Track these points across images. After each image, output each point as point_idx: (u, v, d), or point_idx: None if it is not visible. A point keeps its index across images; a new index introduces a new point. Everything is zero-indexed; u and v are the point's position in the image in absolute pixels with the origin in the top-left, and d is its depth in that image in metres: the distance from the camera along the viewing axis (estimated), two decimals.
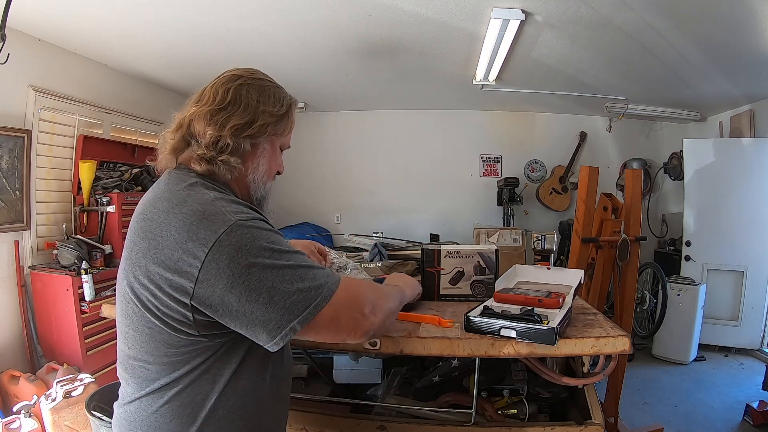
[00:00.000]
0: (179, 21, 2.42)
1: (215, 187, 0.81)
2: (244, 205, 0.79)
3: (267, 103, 0.86)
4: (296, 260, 0.74)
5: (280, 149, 0.94)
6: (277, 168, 0.94)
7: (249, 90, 0.85)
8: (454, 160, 4.82)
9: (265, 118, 0.85)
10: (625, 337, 1.05)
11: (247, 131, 0.84)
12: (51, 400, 2.01)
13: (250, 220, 0.73)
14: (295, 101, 0.94)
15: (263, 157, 0.89)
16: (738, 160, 3.63)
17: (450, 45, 2.77)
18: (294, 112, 0.93)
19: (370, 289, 0.86)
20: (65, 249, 2.52)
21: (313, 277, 0.74)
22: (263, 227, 0.73)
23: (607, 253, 2.30)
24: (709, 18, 2.23)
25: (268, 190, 0.93)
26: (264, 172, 0.89)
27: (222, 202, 0.75)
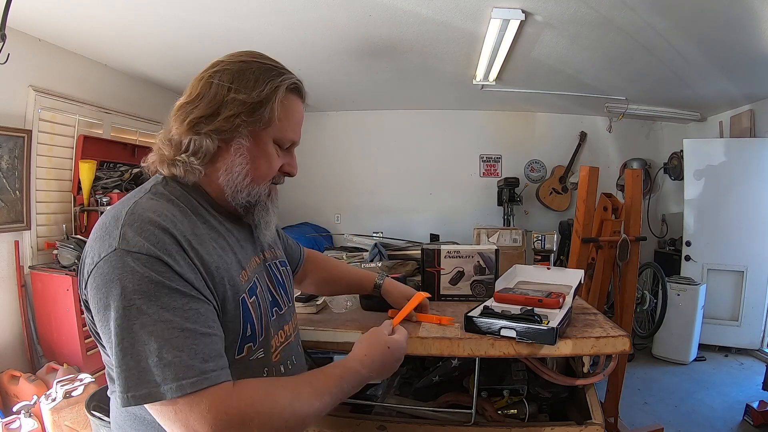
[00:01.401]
0: (179, 21, 2.42)
1: (176, 191, 0.71)
2: (185, 216, 0.67)
3: (241, 89, 0.71)
4: (151, 324, 0.56)
5: (278, 145, 0.77)
6: (271, 168, 0.77)
7: (222, 76, 0.72)
8: (454, 160, 4.82)
9: (234, 108, 0.70)
10: (625, 337, 1.05)
11: (210, 125, 0.70)
12: (51, 400, 2.01)
13: (138, 252, 0.58)
14: (288, 82, 0.75)
15: (240, 156, 0.73)
16: (738, 160, 3.62)
17: (450, 45, 2.77)
18: (281, 97, 0.74)
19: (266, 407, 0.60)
20: (65, 249, 2.52)
21: (151, 361, 0.55)
22: (145, 262, 0.57)
23: (607, 253, 2.30)
24: (709, 18, 2.23)
25: (260, 194, 0.77)
26: (244, 173, 0.73)
27: (134, 217, 0.61)
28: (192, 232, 0.66)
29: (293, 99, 0.78)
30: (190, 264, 0.63)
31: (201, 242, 0.67)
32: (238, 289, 0.71)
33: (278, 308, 0.83)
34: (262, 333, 0.75)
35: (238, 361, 0.70)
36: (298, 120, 0.79)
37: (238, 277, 0.71)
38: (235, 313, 0.69)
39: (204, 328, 0.59)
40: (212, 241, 0.70)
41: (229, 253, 0.72)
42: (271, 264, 0.87)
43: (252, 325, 0.72)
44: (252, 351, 0.73)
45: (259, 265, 0.82)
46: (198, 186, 0.74)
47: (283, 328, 0.84)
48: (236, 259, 0.73)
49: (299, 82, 0.79)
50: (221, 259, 0.69)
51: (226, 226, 0.76)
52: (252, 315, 0.72)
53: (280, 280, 0.88)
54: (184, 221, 0.66)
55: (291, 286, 0.94)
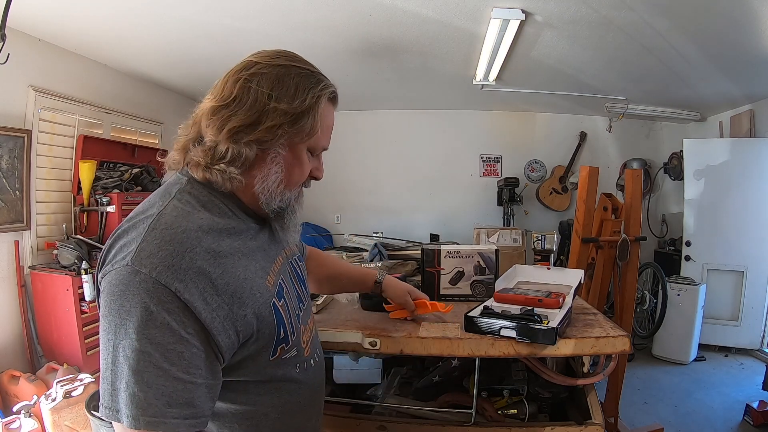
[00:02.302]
0: (179, 21, 2.42)
1: (203, 196, 0.70)
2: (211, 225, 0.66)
3: (282, 98, 0.69)
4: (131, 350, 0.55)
5: (310, 153, 0.77)
6: (303, 175, 0.77)
7: (261, 81, 0.69)
8: (454, 160, 4.82)
9: (276, 118, 0.68)
10: (625, 337, 1.05)
11: (251, 135, 0.68)
12: (51, 400, 2.01)
13: (147, 274, 0.57)
14: (327, 92, 0.74)
15: (276, 164, 0.72)
16: (738, 160, 3.62)
17: (450, 45, 2.77)
18: (324, 107, 0.73)
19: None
20: (65, 249, 2.52)
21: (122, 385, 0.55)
22: (149, 288, 0.56)
23: (607, 253, 2.30)
24: (709, 18, 2.23)
25: (291, 199, 0.77)
26: (278, 181, 0.73)
27: (155, 234, 0.60)
28: (216, 246, 0.64)
29: (330, 107, 0.77)
30: (205, 292, 0.60)
31: (225, 256, 0.65)
32: (267, 296, 0.71)
33: (302, 303, 0.85)
34: (294, 332, 0.76)
35: (272, 363, 0.72)
36: (330, 127, 0.79)
37: (264, 284, 0.71)
38: (270, 319, 0.70)
39: (181, 373, 0.57)
40: (238, 251, 0.68)
41: (253, 261, 0.71)
42: (292, 260, 0.88)
43: (284, 327, 0.73)
44: (285, 351, 0.74)
45: (283, 263, 0.82)
46: (232, 193, 0.72)
47: (307, 323, 0.85)
48: (261, 266, 0.73)
49: (336, 90, 0.78)
50: (247, 269, 0.68)
51: (252, 230, 0.75)
52: (283, 317, 0.73)
53: (300, 275, 0.89)
54: (209, 234, 0.64)
55: (308, 280, 0.96)
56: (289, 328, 0.75)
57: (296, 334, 0.77)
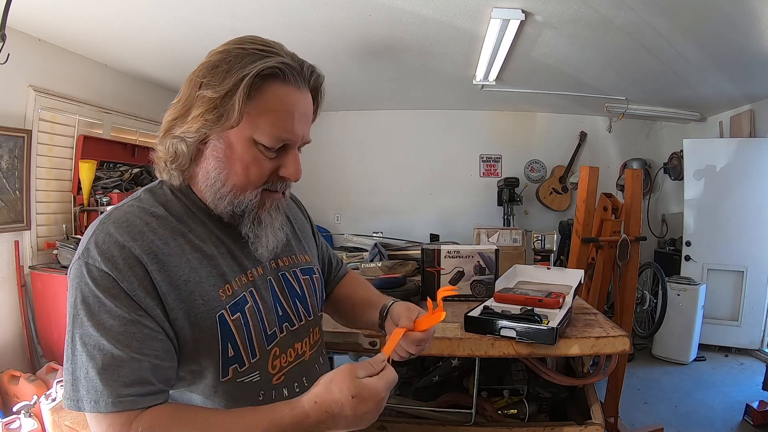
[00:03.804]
0: (179, 21, 2.42)
1: (164, 196, 0.70)
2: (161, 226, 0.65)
3: (210, 84, 0.63)
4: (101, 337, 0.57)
5: (263, 145, 0.65)
6: (252, 173, 0.67)
7: (199, 71, 0.65)
8: (454, 160, 4.82)
9: (201, 106, 0.63)
10: (625, 337, 1.05)
11: (181, 127, 0.65)
12: (51, 400, 2.01)
13: (93, 264, 0.59)
14: (258, 68, 0.62)
15: (215, 159, 0.66)
16: (738, 160, 3.62)
17: (450, 45, 2.77)
18: (249, 87, 0.62)
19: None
20: (65, 249, 2.52)
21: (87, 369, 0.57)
22: (97, 279, 0.59)
23: (607, 253, 2.30)
24: (709, 18, 2.23)
25: (246, 203, 0.68)
26: (222, 179, 0.67)
27: (102, 228, 0.62)
28: (162, 244, 0.63)
29: (275, 86, 0.64)
30: (144, 281, 0.60)
31: (169, 255, 0.63)
32: (214, 305, 0.65)
33: (290, 323, 0.76)
34: (253, 354, 0.69)
35: (225, 383, 0.67)
36: (285, 112, 0.65)
37: (216, 292, 0.66)
38: (211, 331, 0.65)
39: (135, 353, 0.58)
40: (187, 253, 0.66)
41: (206, 267, 0.67)
42: (287, 273, 0.79)
43: (234, 345, 0.66)
44: (239, 373, 0.68)
45: (263, 275, 0.74)
46: (190, 190, 0.71)
47: (294, 346, 0.76)
48: (217, 272, 0.68)
49: (282, 65, 0.64)
50: (194, 272, 0.65)
51: (216, 233, 0.70)
52: (234, 334, 0.66)
53: (297, 291, 0.79)
54: (155, 232, 0.64)
55: (317, 297, 0.85)
56: (245, 347, 0.68)
57: (259, 357, 0.69)
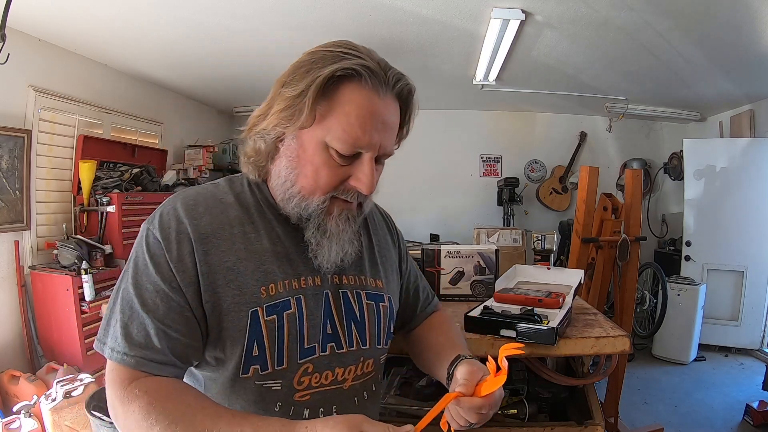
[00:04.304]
0: (179, 21, 2.42)
1: (239, 187, 0.72)
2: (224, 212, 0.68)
3: (291, 83, 0.63)
4: (132, 290, 0.62)
5: (334, 150, 0.63)
6: (321, 178, 0.65)
7: (288, 69, 0.66)
8: (454, 160, 4.82)
9: (279, 103, 0.64)
10: (625, 337, 1.05)
11: (262, 124, 0.67)
12: (51, 400, 2.01)
13: (152, 231, 0.64)
14: (332, 69, 0.60)
15: (288, 159, 0.67)
16: (738, 160, 3.63)
17: (450, 45, 2.77)
18: (321, 87, 0.61)
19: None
20: (65, 249, 2.52)
21: (117, 320, 0.62)
22: (150, 244, 0.64)
23: (607, 253, 2.30)
24: (709, 18, 2.23)
25: (311, 208, 0.67)
26: (292, 180, 0.67)
27: (169, 203, 0.67)
28: (217, 228, 0.66)
29: (351, 88, 0.62)
30: (187, 257, 0.63)
31: (221, 240, 0.66)
32: (250, 300, 0.65)
33: (337, 345, 0.71)
34: (280, 362, 0.66)
35: (245, 381, 0.66)
36: (359, 116, 0.62)
37: (257, 288, 0.65)
38: (239, 324, 0.64)
39: (155, 320, 0.61)
40: (239, 243, 0.66)
41: (254, 261, 0.66)
42: (350, 292, 0.74)
43: (260, 346, 0.65)
44: (260, 376, 0.66)
45: (315, 287, 0.70)
46: (265, 186, 0.72)
47: (333, 370, 0.70)
48: (265, 270, 0.67)
49: (361, 67, 0.61)
50: (240, 263, 0.65)
51: (278, 232, 0.70)
52: (263, 334, 0.65)
53: (356, 315, 0.74)
54: (215, 217, 0.67)
55: (381, 327, 0.77)
56: (272, 352, 0.65)
57: (286, 366, 0.66)
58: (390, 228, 0.92)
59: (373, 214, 0.88)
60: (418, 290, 0.94)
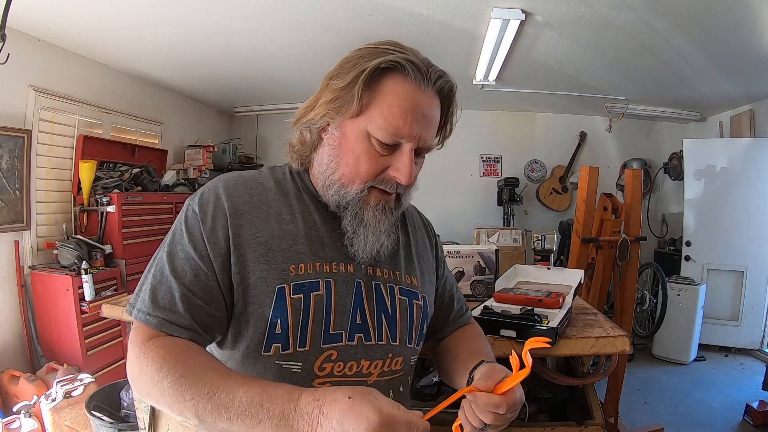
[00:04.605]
0: (179, 21, 2.42)
1: (281, 174, 0.76)
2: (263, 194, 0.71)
3: (339, 76, 0.67)
4: (165, 257, 0.66)
5: (376, 139, 0.65)
6: (366, 167, 0.66)
7: (337, 64, 0.69)
8: (454, 160, 4.81)
9: (327, 94, 0.67)
10: (625, 337, 1.05)
11: (309, 115, 0.69)
12: (51, 400, 2.01)
13: (194, 204, 0.69)
14: (378, 61, 0.64)
15: (330, 147, 0.69)
16: (738, 160, 3.63)
17: (450, 45, 2.77)
18: (368, 78, 0.64)
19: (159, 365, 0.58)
20: (65, 249, 2.52)
21: (148, 284, 0.65)
22: (189, 217, 0.67)
23: (607, 253, 2.30)
24: (709, 18, 2.23)
25: (353, 197, 0.68)
26: (333, 168, 0.69)
27: (215, 182, 0.71)
28: (253, 207, 0.69)
29: (394, 79, 0.65)
30: (221, 230, 0.66)
31: (256, 217, 0.68)
32: (278, 276, 0.66)
33: (365, 337, 0.70)
34: (302, 343, 0.66)
35: (266, 359, 0.66)
36: (401, 107, 0.64)
37: (286, 265, 0.67)
38: (266, 299, 0.65)
39: (181, 285, 0.64)
40: (273, 222, 0.69)
41: (287, 240, 0.68)
42: (383, 285, 0.74)
43: (283, 323, 0.65)
44: (281, 355, 0.66)
45: (348, 274, 0.71)
46: (306, 174, 0.75)
47: (359, 361, 0.69)
48: (296, 250, 0.68)
49: (404, 60, 0.65)
50: (272, 240, 0.68)
51: (315, 218, 0.72)
52: (288, 312, 0.65)
53: (388, 309, 0.73)
54: (253, 197, 0.70)
55: (414, 326, 0.76)
56: (295, 332, 0.65)
57: (308, 349, 0.66)
58: (429, 232, 0.92)
59: (413, 217, 0.90)
60: (453, 299, 0.92)
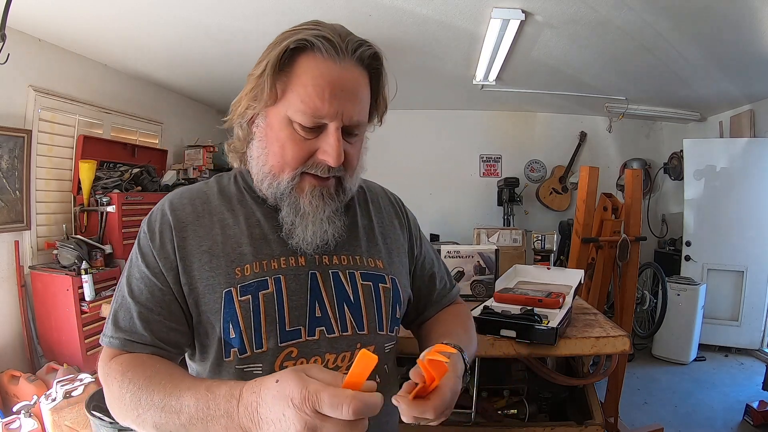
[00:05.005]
0: (179, 21, 2.42)
1: (225, 179, 0.76)
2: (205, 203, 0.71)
3: (257, 64, 0.65)
4: (124, 281, 0.67)
5: (298, 124, 0.62)
6: (287, 153, 0.64)
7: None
8: (454, 160, 4.81)
9: (247, 86, 0.66)
10: (625, 337, 1.05)
11: (237, 110, 0.68)
12: (51, 400, 2.01)
13: (145, 223, 0.69)
14: (287, 43, 0.62)
15: (258, 139, 0.67)
16: (738, 160, 3.62)
17: (450, 45, 2.77)
18: (277, 61, 0.61)
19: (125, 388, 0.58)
20: (65, 249, 2.52)
21: (112, 310, 0.67)
22: (141, 239, 0.68)
23: (607, 253, 2.30)
24: (709, 18, 2.23)
25: (280, 185, 0.66)
26: (263, 160, 0.67)
27: (163, 199, 0.72)
28: (195, 218, 0.69)
29: (306, 59, 0.62)
30: (167, 244, 0.67)
31: (199, 227, 0.68)
32: (224, 281, 0.65)
33: (327, 329, 0.67)
34: (258, 344, 0.64)
35: (228, 365, 0.65)
36: (316, 85, 0.61)
37: (231, 269, 0.65)
38: (216, 306, 0.64)
39: (138, 305, 0.65)
40: (216, 229, 0.69)
41: (231, 244, 0.67)
42: (341, 273, 0.70)
43: (237, 328, 0.63)
44: (240, 360, 0.64)
45: (298, 267, 0.68)
46: (248, 173, 0.73)
47: (323, 356, 0.66)
48: (240, 251, 0.67)
49: (314, 37, 0.62)
50: (216, 246, 0.67)
51: (258, 216, 0.70)
52: (238, 315, 0.64)
53: (349, 297, 0.70)
54: (195, 208, 0.70)
55: (383, 311, 0.72)
56: (249, 334, 0.63)
57: (266, 350, 0.64)
58: (399, 212, 0.87)
59: (379, 197, 0.86)
60: (435, 278, 0.87)
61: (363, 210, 0.81)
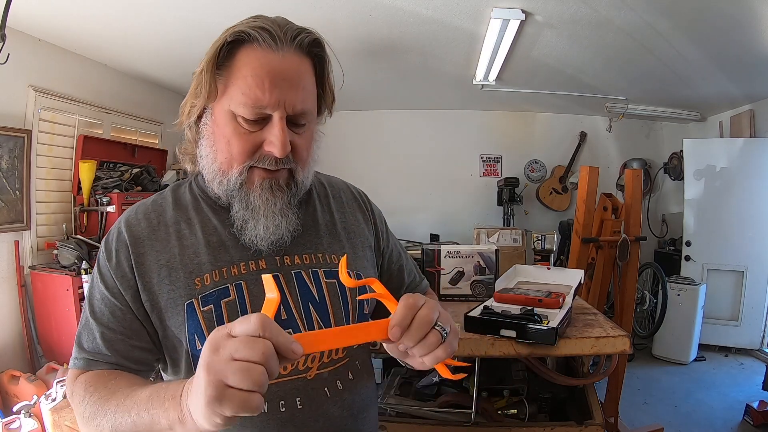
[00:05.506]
0: (179, 20, 2.42)
1: (180, 187, 0.74)
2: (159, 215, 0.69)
3: (200, 62, 0.65)
4: (87, 302, 0.68)
5: (241, 117, 0.61)
6: (233, 147, 0.62)
7: None
8: (454, 160, 4.81)
9: (192, 85, 0.65)
10: (625, 337, 1.05)
11: (185, 111, 0.68)
12: (51, 400, 2.01)
13: (104, 243, 0.69)
14: (224, 37, 0.63)
15: (205, 137, 0.66)
16: (738, 160, 3.63)
17: (450, 45, 2.77)
18: (215, 56, 0.62)
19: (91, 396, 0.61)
20: (65, 249, 2.52)
21: (78, 331, 0.68)
22: (99, 260, 0.68)
23: (607, 253, 2.30)
24: (709, 18, 2.23)
25: (230, 182, 0.64)
26: (211, 158, 0.65)
27: (123, 215, 0.71)
28: (150, 232, 0.68)
29: (243, 52, 0.62)
30: (124, 262, 0.66)
31: (155, 241, 0.67)
32: (185, 293, 0.64)
33: (293, 331, 0.66)
34: None
35: None
36: (255, 76, 0.60)
37: (191, 280, 0.64)
38: (178, 319, 0.63)
39: (100, 326, 0.65)
40: (173, 241, 0.67)
41: (188, 255, 0.66)
42: (303, 272, 0.69)
43: (202, 339, 0.62)
44: None
45: (259, 271, 0.67)
46: (202, 177, 0.71)
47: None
48: (198, 261, 0.65)
49: (251, 29, 0.62)
50: (173, 259, 0.66)
51: (214, 222, 0.69)
52: (202, 326, 0.62)
53: (313, 296, 0.68)
54: (150, 222, 0.69)
55: (349, 308, 0.71)
56: None
57: None
58: (363, 206, 0.85)
59: (341, 192, 0.85)
60: (403, 272, 0.87)
61: (324, 206, 0.80)
